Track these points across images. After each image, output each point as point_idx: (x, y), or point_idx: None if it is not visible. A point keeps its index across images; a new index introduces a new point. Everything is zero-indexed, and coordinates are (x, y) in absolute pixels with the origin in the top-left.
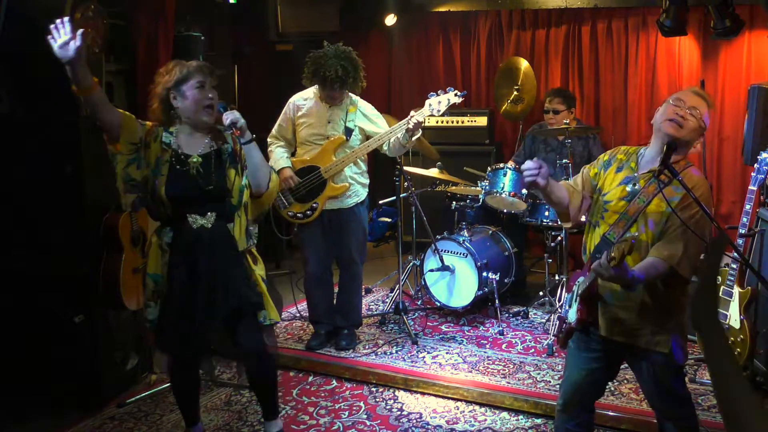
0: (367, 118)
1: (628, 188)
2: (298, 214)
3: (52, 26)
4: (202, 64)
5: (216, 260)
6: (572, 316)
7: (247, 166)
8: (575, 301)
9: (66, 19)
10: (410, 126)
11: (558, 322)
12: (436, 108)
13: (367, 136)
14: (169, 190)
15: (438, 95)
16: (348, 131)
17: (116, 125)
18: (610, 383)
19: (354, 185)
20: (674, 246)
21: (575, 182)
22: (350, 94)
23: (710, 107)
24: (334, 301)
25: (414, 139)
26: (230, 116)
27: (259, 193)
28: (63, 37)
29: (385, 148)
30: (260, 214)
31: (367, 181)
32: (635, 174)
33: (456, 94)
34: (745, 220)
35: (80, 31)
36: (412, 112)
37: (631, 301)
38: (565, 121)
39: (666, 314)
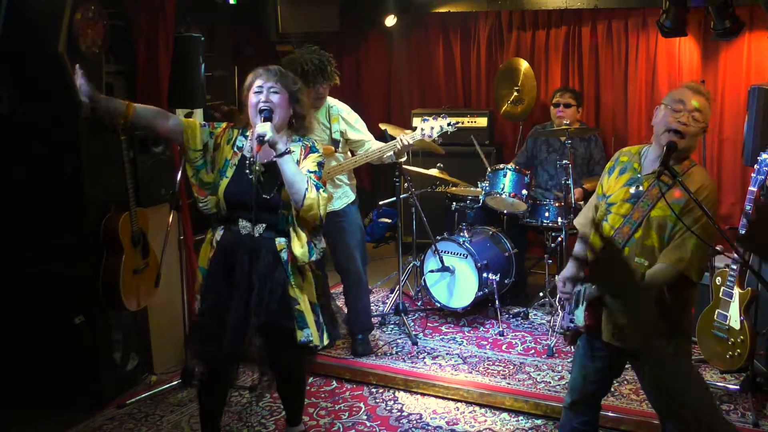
0: (348, 124)
1: (632, 190)
2: None
3: (74, 75)
4: (269, 67)
5: (254, 268)
6: (580, 319)
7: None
8: (582, 304)
9: (77, 66)
10: (398, 148)
11: (568, 318)
12: (427, 133)
13: (347, 140)
14: (227, 193)
15: (430, 120)
16: (335, 143)
17: (177, 132)
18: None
19: (342, 186)
20: (682, 250)
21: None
22: (327, 98)
23: (708, 101)
24: (336, 304)
25: (400, 161)
26: (258, 130)
27: (296, 207)
28: (78, 84)
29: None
30: (313, 230)
31: (354, 181)
32: (639, 175)
33: (449, 123)
34: (745, 220)
35: (81, 71)
36: (400, 136)
37: (636, 306)
38: (565, 121)
39: (670, 318)
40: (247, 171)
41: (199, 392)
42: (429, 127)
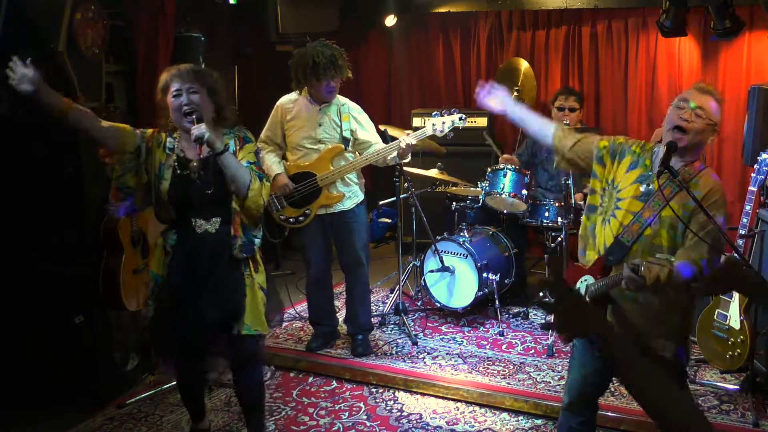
0: (359, 124)
1: (642, 188)
2: (290, 219)
3: (7, 70)
4: (183, 68)
5: (215, 266)
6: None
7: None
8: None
9: (15, 57)
10: (403, 147)
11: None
12: (439, 129)
13: (356, 140)
14: (171, 195)
15: (442, 115)
16: (345, 141)
17: (110, 137)
18: (610, 383)
19: (352, 186)
20: (699, 249)
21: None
22: (338, 97)
23: (719, 101)
24: (337, 304)
25: (404, 161)
26: (195, 132)
27: (241, 200)
28: (18, 74)
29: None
30: (255, 220)
31: (362, 180)
32: (649, 173)
33: (460, 118)
34: (745, 220)
35: (28, 60)
36: (402, 137)
37: (639, 305)
38: (565, 121)
39: (672, 317)
40: (185, 171)
41: (181, 390)
42: (440, 122)
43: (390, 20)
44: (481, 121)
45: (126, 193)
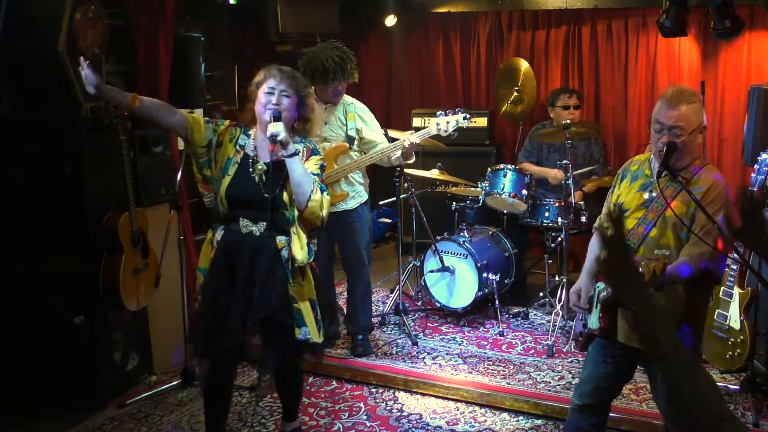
0: (365, 122)
1: (646, 195)
2: None
3: (78, 68)
4: (283, 69)
5: (256, 267)
6: (594, 322)
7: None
8: (596, 307)
9: (81, 59)
10: (406, 146)
11: (580, 324)
12: (443, 128)
13: (361, 139)
14: (229, 191)
15: (447, 115)
16: (350, 140)
17: (181, 127)
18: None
19: (356, 185)
20: (703, 245)
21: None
22: (345, 95)
23: (694, 100)
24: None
25: (408, 161)
26: (271, 129)
27: (300, 209)
28: (82, 76)
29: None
30: (312, 230)
31: (367, 180)
32: (651, 180)
33: (465, 117)
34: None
35: (87, 62)
36: (406, 135)
37: (651, 306)
38: (564, 121)
39: (684, 318)
40: (250, 170)
41: (205, 398)
42: (445, 122)
43: (390, 20)
44: (481, 121)
45: (212, 182)
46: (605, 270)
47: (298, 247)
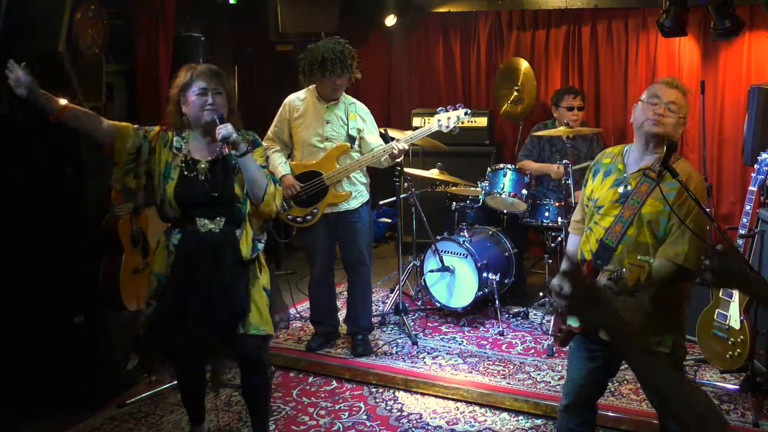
0: (366, 124)
1: (620, 190)
2: (298, 218)
3: (6, 70)
4: (208, 69)
5: (217, 266)
6: (574, 320)
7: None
8: None
9: (11, 61)
10: (395, 152)
11: (555, 322)
12: (444, 124)
13: (362, 139)
14: (178, 195)
15: (447, 111)
16: (351, 139)
17: (109, 136)
18: (609, 383)
19: (357, 185)
20: (679, 244)
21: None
22: (345, 94)
23: (685, 93)
24: (338, 303)
25: (396, 160)
26: (222, 131)
27: (257, 203)
28: (13, 77)
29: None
30: (264, 224)
31: (368, 180)
32: (625, 175)
33: (466, 113)
34: (745, 220)
35: (23, 64)
36: (394, 142)
37: (633, 304)
38: (565, 121)
39: (667, 314)
40: (194, 171)
41: (180, 390)
42: (446, 118)
43: (390, 20)
44: (481, 121)
45: (128, 194)
46: (573, 307)
47: (245, 243)
